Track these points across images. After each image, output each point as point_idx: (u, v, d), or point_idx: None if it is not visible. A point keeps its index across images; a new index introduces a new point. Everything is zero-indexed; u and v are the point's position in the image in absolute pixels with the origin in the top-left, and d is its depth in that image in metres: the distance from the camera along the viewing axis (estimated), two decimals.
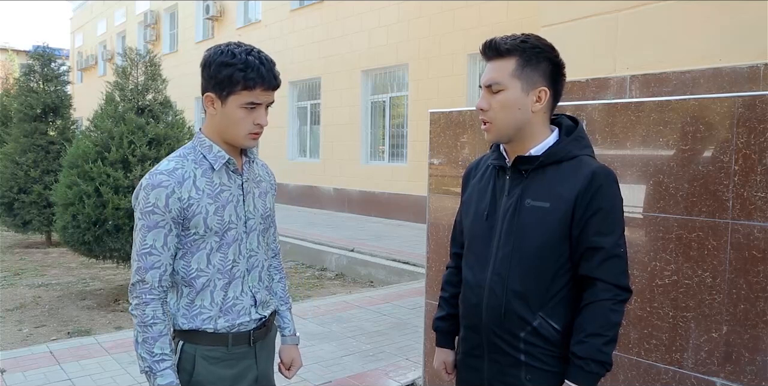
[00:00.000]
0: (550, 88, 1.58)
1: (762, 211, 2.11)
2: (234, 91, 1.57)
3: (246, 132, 1.62)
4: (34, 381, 3.69)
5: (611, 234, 1.53)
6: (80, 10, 28.65)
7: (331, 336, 4.70)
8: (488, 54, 1.59)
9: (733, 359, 2.20)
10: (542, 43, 1.57)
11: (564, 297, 1.57)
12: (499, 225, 1.61)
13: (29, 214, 8.89)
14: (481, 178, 1.72)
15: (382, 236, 9.44)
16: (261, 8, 15.81)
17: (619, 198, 1.57)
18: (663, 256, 2.38)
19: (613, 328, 1.51)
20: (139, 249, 1.60)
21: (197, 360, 1.65)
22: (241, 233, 1.70)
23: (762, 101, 2.12)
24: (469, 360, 1.71)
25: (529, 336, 1.56)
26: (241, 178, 1.71)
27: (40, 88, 9.55)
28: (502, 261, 1.59)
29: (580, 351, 1.49)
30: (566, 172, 1.55)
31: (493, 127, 1.58)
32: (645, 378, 2.44)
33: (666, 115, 2.38)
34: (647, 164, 2.43)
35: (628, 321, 2.50)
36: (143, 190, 1.59)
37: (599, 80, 3.01)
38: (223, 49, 1.59)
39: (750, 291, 2.15)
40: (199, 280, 1.65)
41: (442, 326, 1.87)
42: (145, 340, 1.58)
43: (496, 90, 1.56)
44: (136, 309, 1.61)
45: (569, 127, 1.64)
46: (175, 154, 1.68)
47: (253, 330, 1.73)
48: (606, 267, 1.52)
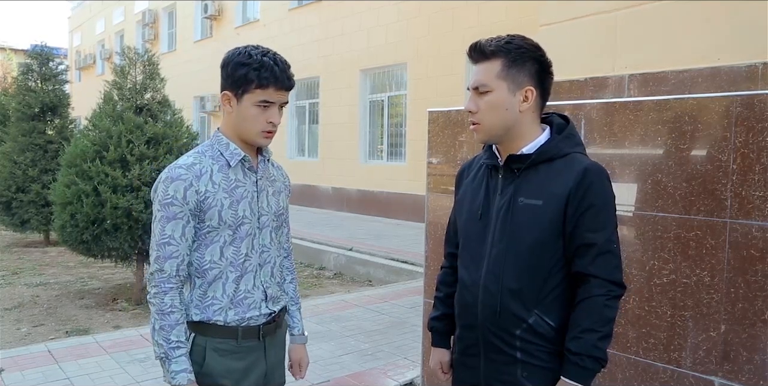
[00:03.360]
0: (537, 87, 1.59)
1: (760, 210, 2.11)
2: (248, 90, 1.65)
3: (259, 129, 1.69)
4: (33, 381, 3.68)
5: (603, 230, 1.54)
6: (78, 9, 28.62)
7: (329, 335, 4.70)
8: (474, 57, 1.61)
9: (731, 358, 2.20)
10: (527, 43, 1.58)
11: (559, 294, 1.58)
12: (492, 224, 1.62)
13: (27, 213, 8.88)
14: (474, 178, 1.73)
15: (380, 235, 9.44)
16: (259, 7, 15.80)
17: (611, 194, 1.58)
18: (661, 255, 2.38)
19: (608, 324, 1.52)
20: (159, 240, 1.67)
21: (207, 352, 1.71)
22: (254, 228, 1.76)
23: (760, 100, 2.12)
24: (465, 359, 1.72)
25: (525, 334, 1.57)
26: (255, 175, 1.78)
27: (39, 87, 9.53)
28: (497, 260, 1.60)
29: (575, 347, 1.51)
30: (558, 169, 1.56)
31: (481, 127, 1.60)
32: (643, 377, 2.44)
33: (664, 114, 2.38)
34: (645, 163, 2.43)
35: (626, 320, 2.50)
36: (162, 183, 1.67)
37: (598, 79, 3.01)
38: (241, 50, 1.68)
39: (748, 290, 2.15)
40: (212, 272, 1.71)
41: (437, 326, 1.87)
42: (162, 327, 1.65)
43: (483, 91, 1.58)
44: (154, 297, 1.67)
45: (560, 125, 1.65)
46: (194, 150, 1.77)
47: (262, 324, 1.79)
48: (599, 263, 1.53)
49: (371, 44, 12.29)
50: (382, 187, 11.94)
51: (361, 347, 4.41)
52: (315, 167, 13.90)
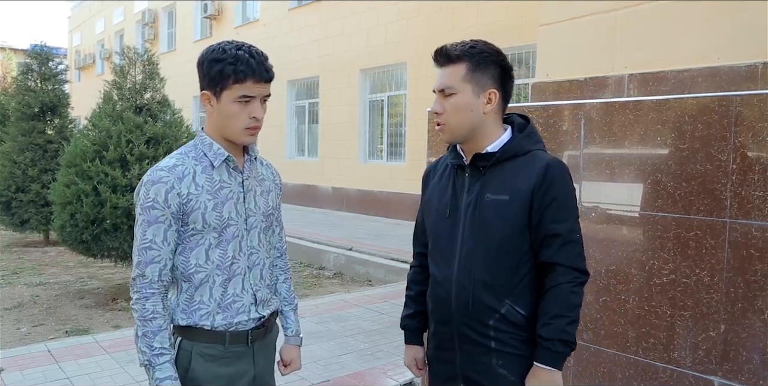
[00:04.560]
0: (500, 89, 1.67)
1: (760, 210, 2.11)
2: (226, 86, 1.59)
3: (242, 126, 1.64)
4: (32, 380, 3.68)
5: (566, 221, 1.63)
6: (78, 8, 28.61)
7: (329, 335, 4.69)
8: (440, 61, 1.69)
9: (731, 357, 2.20)
10: (490, 48, 1.67)
11: (528, 284, 1.66)
12: (461, 221, 1.70)
13: (27, 213, 8.87)
14: (440, 178, 1.81)
15: (380, 235, 9.44)
16: (259, 7, 15.79)
17: (572, 187, 1.68)
18: (661, 255, 2.39)
19: (575, 309, 1.61)
20: (140, 244, 1.62)
21: (193, 357, 1.67)
22: (241, 230, 1.71)
23: (760, 100, 2.12)
24: (440, 353, 1.78)
25: (498, 324, 1.65)
26: (241, 175, 1.72)
27: (38, 87, 9.52)
28: (468, 255, 1.67)
29: (546, 332, 1.59)
30: (522, 166, 1.65)
31: (447, 128, 1.68)
32: (643, 376, 2.45)
33: (664, 113, 2.38)
34: (645, 163, 2.43)
35: (626, 320, 2.50)
36: (144, 186, 1.62)
37: (597, 79, 3.01)
38: (215, 47, 1.64)
39: (748, 290, 2.15)
40: (198, 276, 1.67)
41: (410, 324, 1.94)
42: (145, 334, 1.60)
43: (448, 93, 1.66)
44: (136, 303, 1.63)
45: (521, 124, 1.74)
46: (176, 151, 1.71)
47: (251, 329, 1.73)
48: (564, 252, 1.62)
49: (371, 44, 12.29)
50: (382, 187, 11.94)
51: (360, 347, 4.41)
52: (314, 167, 13.90)
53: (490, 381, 1.67)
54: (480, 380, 1.69)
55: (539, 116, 2.86)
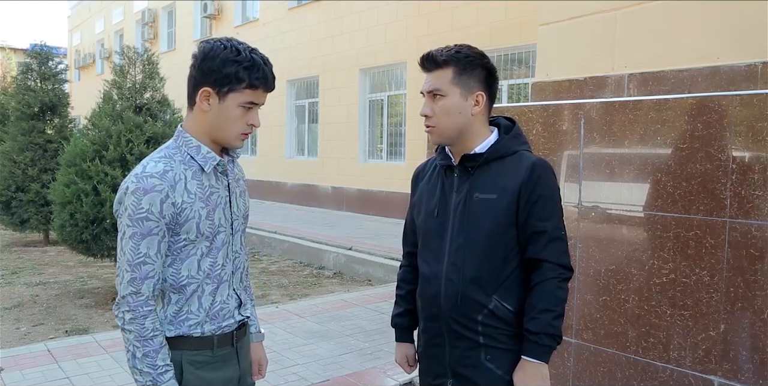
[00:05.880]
0: (486, 92, 1.72)
1: (759, 210, 2.11)
2: (236, 89, 1.53)
3: (239, 131, 1.59)
4: (32, 380, 3.68)
5: (551, 219, 1.68)
6: (78, 8, 28.60)
7: (329, 334, 4.70)
8: (427, 66, 1.76)
9: (730, 357, 2.20)
10: (474, 51, 1.73)
11: (515, 280, 1.70)
12: (451, 220, 1.74)
13: (27, 213, 8.88)
14: (429, 179, 1.85)
15: (380, 234, 9.43)
16: (259, 7, 15.78)
17: (557, 186, 1.72)
18: (661, 255, 2.39)
19: (560, 304, 1.66)
20: (133, 259, 1.50)
21: (184, 367, 1.61)
22: (228, 236, 1.66)
23: (760, 100, 2.12)
24: (430, 350, 1.82)
25: (486, 319, 1.69)
26: (227, 178, 1.67)
27: (38, 87, 9.53)
28: (457, 252, 1.71)
29: (533, 326, 1.63)
30: (509, 166, 1.70)
31: (436, 130, 1.73)
32: (642, 376, 2.45)
33: (664, 113, 2.38)
34: (645, 163, 2.44)
35: (626, 319, 2.50)
36: (132, 195, 1.49)
37: (597, 78, 3.01)
38: (225, 44, 1.54)
39: (747, 290, 2.15)
40: (190, 287, 1.59)
41: (400, 322, 1.98)
42: (146, 354, 1.51)
43: (437, 96, 1.72)
44: (131, 324, 1.51)
45: (507, 126, 1.79)
46: (158, 154, 1.60)
47: (235, 330, 1.72)
48: (550, 248, 1.67)
49: (370, 43, 12.29)
50: (382, 187, 11.93)
51: (360, 346, 4.41)
52: (314, 166, 13.90)
53: (478, 375, 1.70)
54: (469, 375, 1.72)
55: (539, 116, 2.86)
